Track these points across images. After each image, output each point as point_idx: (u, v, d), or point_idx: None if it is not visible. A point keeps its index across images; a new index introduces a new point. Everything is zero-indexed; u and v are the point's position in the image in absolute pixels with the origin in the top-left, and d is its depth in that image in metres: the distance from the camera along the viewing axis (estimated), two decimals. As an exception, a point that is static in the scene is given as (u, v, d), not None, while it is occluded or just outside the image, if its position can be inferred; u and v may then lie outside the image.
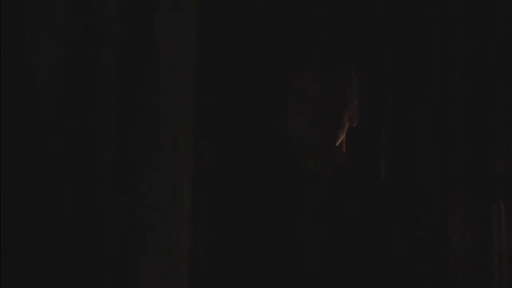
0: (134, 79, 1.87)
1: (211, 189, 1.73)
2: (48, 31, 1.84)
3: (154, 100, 1.87)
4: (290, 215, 1.64)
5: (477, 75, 2.65)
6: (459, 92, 2.66)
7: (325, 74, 1.67)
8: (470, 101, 2.65)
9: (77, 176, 1.72)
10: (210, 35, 2.21)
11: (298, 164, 1.70)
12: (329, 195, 1.66)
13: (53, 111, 1.73)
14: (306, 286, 1.59)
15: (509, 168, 2.57)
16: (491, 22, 2.70)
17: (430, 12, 2.70)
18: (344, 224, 1.63)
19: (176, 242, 1.63)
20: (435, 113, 2.65)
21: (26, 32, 1.80)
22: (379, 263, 1.62)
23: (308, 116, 1.66)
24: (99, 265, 1.70)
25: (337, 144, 1.69)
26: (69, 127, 1.73)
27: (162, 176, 1.78)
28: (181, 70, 1.96)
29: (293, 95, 1.68)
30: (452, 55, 2.68)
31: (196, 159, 1.93)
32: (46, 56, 1.76)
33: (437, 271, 1.70)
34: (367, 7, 2.67)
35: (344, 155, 1.72)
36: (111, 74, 1.82)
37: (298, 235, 1.63)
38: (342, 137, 1.71)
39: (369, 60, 2.60)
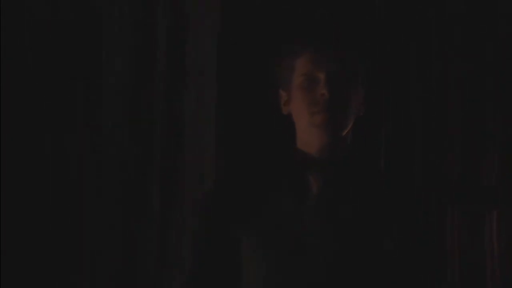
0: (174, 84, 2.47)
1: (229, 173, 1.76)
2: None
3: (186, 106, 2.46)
4: (290, 205, 1.63)
5: (477, 78, 2.65)
6: (457, 103, 2.67)
7: (332, 57, 1.64)
8: (467, 113, 2.65)
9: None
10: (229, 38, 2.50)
11: (301, 152, 1.68)
12: (329, 188, 1.64)
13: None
14: (304, 278, 1.58)
15: (502, 179, 2.59)
16: (491, 22, 2.70)
17: (430, 12, 2.70)
18: (343, 219, 1.61)
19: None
20: (432, 124, 2.65)
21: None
22: (375, 259, 1.60)
23: (314, 101, 1.63)
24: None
25: (344, 133, 1.65)
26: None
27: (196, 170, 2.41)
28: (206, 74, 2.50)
29: (298, 79, 1.65)
30: (452, 56, 2.68)
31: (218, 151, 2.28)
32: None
33: (433, 271, 1.70)
34: (367, 7, 2.67)
35: (348, 145, 1.69)
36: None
37: (298, 224, 1.61)
38: (349, 126, 1.66)
39: (369, 59, 2.60)
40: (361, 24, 2.64)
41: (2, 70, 2.45)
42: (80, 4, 2.51)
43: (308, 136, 1.66)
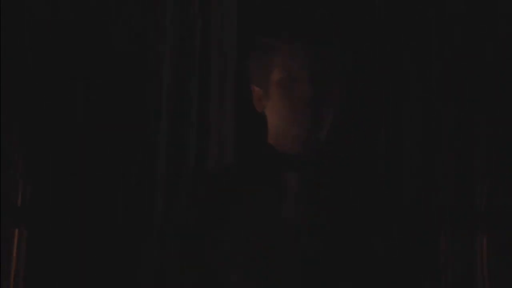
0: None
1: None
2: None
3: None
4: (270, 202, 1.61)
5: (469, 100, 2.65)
6: (448, 129, 2.67)
7: (315, 55, 1.59)
8: (458, 140, 2.66)
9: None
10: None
11: (273, 149, 1.64)
12: (305, 186, 1.61)
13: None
14: (289, 277, 1.55)
15: (491, 205, 2.62)
16: (491, 22, 2.70)
17: (430, 12, 2.70)
18: (320, 217, 1.58)
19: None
20: (424, 153, 2.65)
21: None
22: (355, 259, 1.57)
23: (295, 98, 1.59)
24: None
25: (320, 133, 1.61)
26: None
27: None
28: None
29: (277, 75, 1.61)
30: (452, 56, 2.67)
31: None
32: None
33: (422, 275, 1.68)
34: (367, 7, 2.66)
35: (323, 143, 1.64)
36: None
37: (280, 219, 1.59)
38: (328, 125, 1.62)
39: (367, 59, 2.60)
40: (346, 22, 2.62)
41: (2, 70, 2.45)
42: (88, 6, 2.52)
43: (285, 133, 1.62)
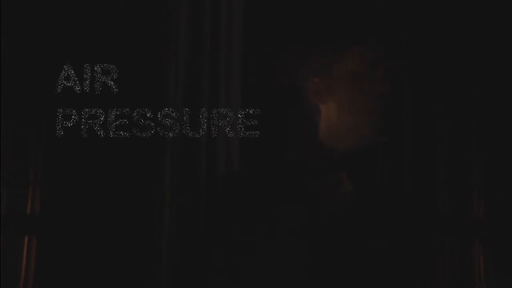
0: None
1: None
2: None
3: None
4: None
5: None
6: (445, 139, 2.68)
7: (391, 53, 1.59)
8: (455, 150, 2.67)
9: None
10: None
11: (326, 146, 1.61)
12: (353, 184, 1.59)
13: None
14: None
15: (489, 213, 2.64)
16: (491, 22, 2.70)
17: (429, 12, 2.69)
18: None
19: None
20: (422, 164, 2.66)
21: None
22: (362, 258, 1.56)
23: (369, 96, 1.56)
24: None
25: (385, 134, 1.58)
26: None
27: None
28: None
29: (350, 68, 1.58)
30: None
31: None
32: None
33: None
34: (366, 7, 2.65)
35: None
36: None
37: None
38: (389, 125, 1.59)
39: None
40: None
41: (2, 70, 2.44)
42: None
43: (348, 130, 1.58)
